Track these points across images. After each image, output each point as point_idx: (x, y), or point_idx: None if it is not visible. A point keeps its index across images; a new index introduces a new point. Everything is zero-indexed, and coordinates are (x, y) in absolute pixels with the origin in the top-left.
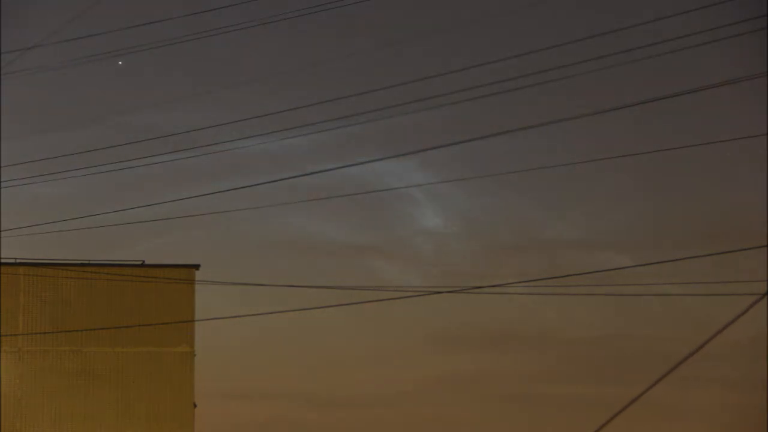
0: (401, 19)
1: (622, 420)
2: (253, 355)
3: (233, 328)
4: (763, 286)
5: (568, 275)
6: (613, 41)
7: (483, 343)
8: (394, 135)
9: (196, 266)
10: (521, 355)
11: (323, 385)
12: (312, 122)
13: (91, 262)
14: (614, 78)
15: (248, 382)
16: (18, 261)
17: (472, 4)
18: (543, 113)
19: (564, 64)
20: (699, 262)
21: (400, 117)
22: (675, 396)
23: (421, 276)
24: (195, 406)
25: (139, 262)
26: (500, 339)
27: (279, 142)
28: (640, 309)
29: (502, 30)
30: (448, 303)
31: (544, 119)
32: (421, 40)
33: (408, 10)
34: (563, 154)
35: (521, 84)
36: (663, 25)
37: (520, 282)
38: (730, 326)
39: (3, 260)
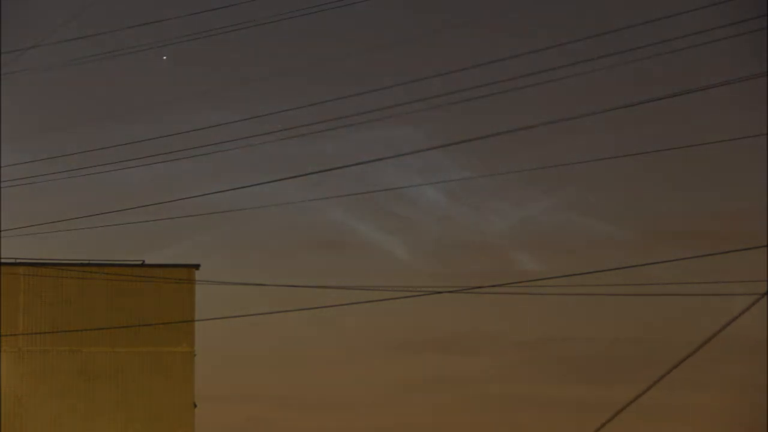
0: (401, 19)
1: (621, 422)
2: (238, 356)
3: (222, 329)
4: (763, 285)
5: (566, 275)
6: (613, 41)
7: (474, 345)
8: (393, 136)
9: (196, 266)
10: (507, 357)
11: (296, 388)
12: (314, 122)
13: (91, 262)
14: (615, 78)
15: (231, 383)
16: (18, 261)
17: (471, 4)
18: (542, 113)
19: (564, 64)
20: (698, 262)
21: (401, 116)
22: (674, 397)
23: (424, 275)
24: (195, 406)
25: (139, 262)
26: (487, 340)
27: (279, 142)
28: (639, 310)
29: (500, 30)
30: (443, 303)
31: (543, 119)
32: (421, 40)
33: (408, 10)
34: (562, 154)
35: (521, 84)
36: (663, 25)
37: (520, 282)
38: (729, 328)
39: (3, 260)
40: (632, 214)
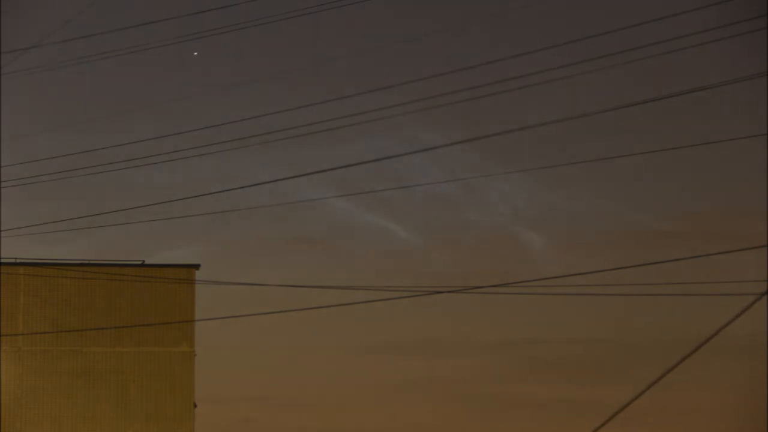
0: (401, 18)
1: (618, 422)
2: (233, 357)
3: (220, 329)
4: (759, 286)
5: (567, 275)
6: (613, 41)
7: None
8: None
9: (196, 266)
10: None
11: (288, 388)
12: (318, 121)
13: (90, 262)
14: (614, 78)
15: (226, 384)
16: (18, 261)
17: (472, 4)
18: (541, 113)
19: (564, 64)
20: (697, 263)
21: (403, 116)
22: (672, 398)
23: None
24: (195, 406)
25: (139, 262)
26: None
27: (280, 142)
28: (637, 310)
29: (501, 30)
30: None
31: (543, 119)
32: (420, 40)
33: (408, 9)
34: (558, 154)
35: (521, 84)
36: (663, 25)
37: (520, 282)
38: (728, 329)
39: (3, 260)
40: (632, 213)
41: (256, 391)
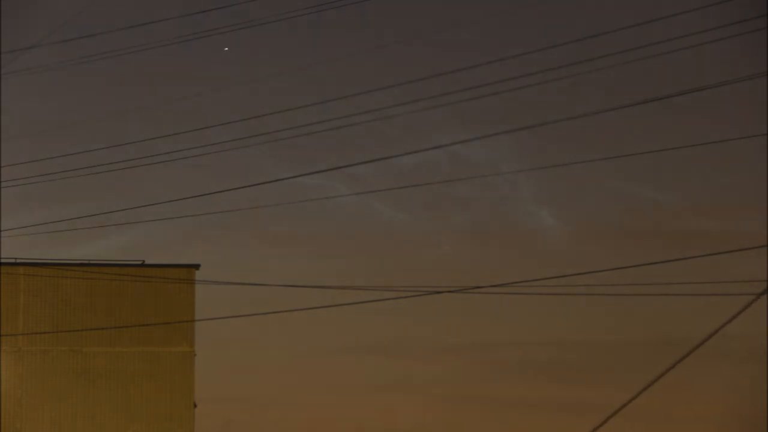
0: (401, 18)
1: (615, 424)
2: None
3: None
4: (758, 286)
5: (566, 275)
6: (612, 41)
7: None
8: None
9: (196, 266)
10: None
11: (276, 389)
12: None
13: (91, 262)
14: (612, 78)
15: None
16: (18, 261)
17: (471, 4)
18: (541, 112)
19: (564, 64)
20: (696, 263)
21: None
22: (672, 397)
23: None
24: (195, 406)
25: (139, 262)
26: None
27: (282, 142)
28: (637, 310)
29: (501, 30)
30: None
31: (543, 119)
32: (420, 39)
33: (409, 9)
34: (555, 153)
35: (521, 84)
36: (663, 25)
37: (520, 282)
38: (727, 329)
39: (3, 260)
40: (631, 212)
41: (256, 392)
